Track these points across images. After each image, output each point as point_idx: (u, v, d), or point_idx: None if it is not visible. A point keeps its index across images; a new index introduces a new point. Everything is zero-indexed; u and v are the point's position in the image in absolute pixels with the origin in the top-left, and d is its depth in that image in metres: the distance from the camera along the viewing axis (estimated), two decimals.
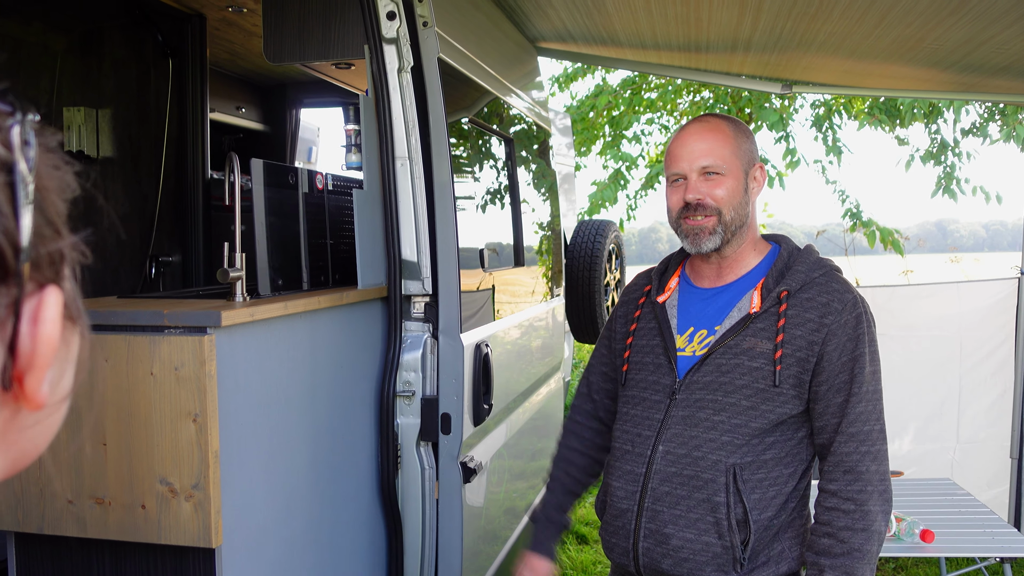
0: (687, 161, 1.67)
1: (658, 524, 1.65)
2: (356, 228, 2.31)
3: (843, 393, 1.59)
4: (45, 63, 3.39)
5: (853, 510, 1.56)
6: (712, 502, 1.61)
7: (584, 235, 5.03)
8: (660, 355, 1.72)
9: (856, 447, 1.58)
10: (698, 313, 1.72)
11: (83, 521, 1.71)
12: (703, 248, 1.67)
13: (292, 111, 5.09)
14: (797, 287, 1.63)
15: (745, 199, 1.68)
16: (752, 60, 4.05)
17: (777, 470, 1.63)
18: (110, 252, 3.65)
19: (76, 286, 0.54)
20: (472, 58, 2.80)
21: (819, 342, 1.59)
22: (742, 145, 1.69)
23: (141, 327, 1.68)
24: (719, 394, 1.63)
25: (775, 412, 1.61)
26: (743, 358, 1.62)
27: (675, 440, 1.65)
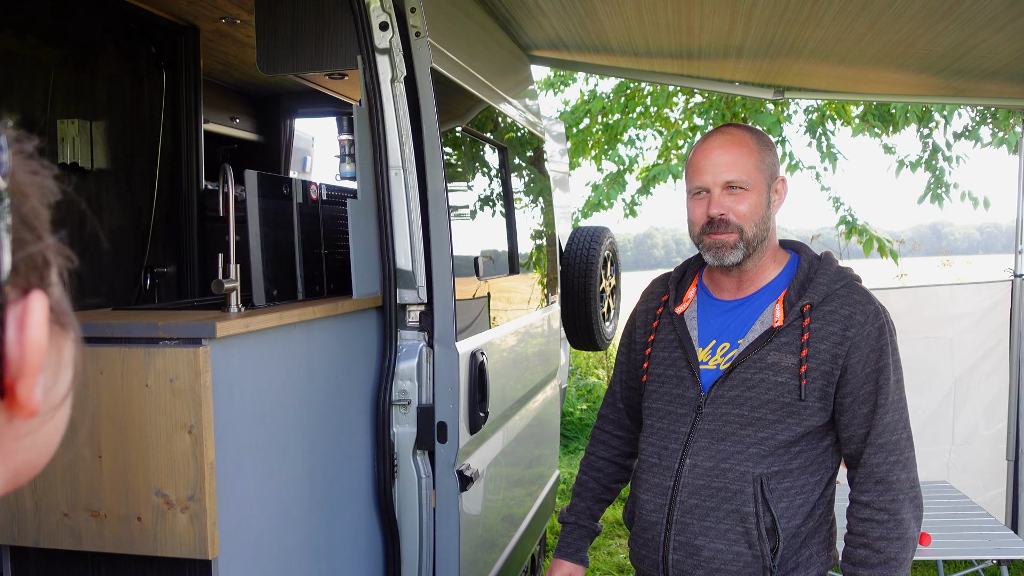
0: (711, 175, 1.66)
1: (688, 536, 1.67)
2: (350, 238, 2.31)
3: (869, 404, 1.61)
4: (39, 76, 3.39)
5: (887, 520, 1.59)
6: (741, 512, 1.63)
7: (579, 242, 5.04)
8: (683, 368, 1.73)
9: (886, 457, 1.60)
10: (720, 326, 1.72)
11: (78, 534, 1.71)
12: (725, 262, 1.67)
13: (286, 121, 5.11)
14: (819, 300, 1.64)
15: (767, 214, 1.68)
16: (744, 66, 4.07)
17: (803, 478, 1.65)
18: (105, 263, 3.65)
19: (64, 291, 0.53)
20: (465, 67, 2.82)
21: (843, 355, 1.61)
22: (766, 159, 1.69)
23: (136, 339, 1.68)
24: (745, 408, 1.64)
25: (801, 425, 1.63)
26: (768, 372, 1.63)
27: (702, 453, 1.67)
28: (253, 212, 2.14)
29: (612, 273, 5.49)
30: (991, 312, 4.45)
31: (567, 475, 6.11)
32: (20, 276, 0.47)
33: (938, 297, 4.67)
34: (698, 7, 3.14)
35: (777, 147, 7.39)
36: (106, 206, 3.66)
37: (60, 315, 0.52)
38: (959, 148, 7.53)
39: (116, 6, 3.50)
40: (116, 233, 3.70)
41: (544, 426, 3.90)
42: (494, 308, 2.91)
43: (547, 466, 4.06)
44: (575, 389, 8.14)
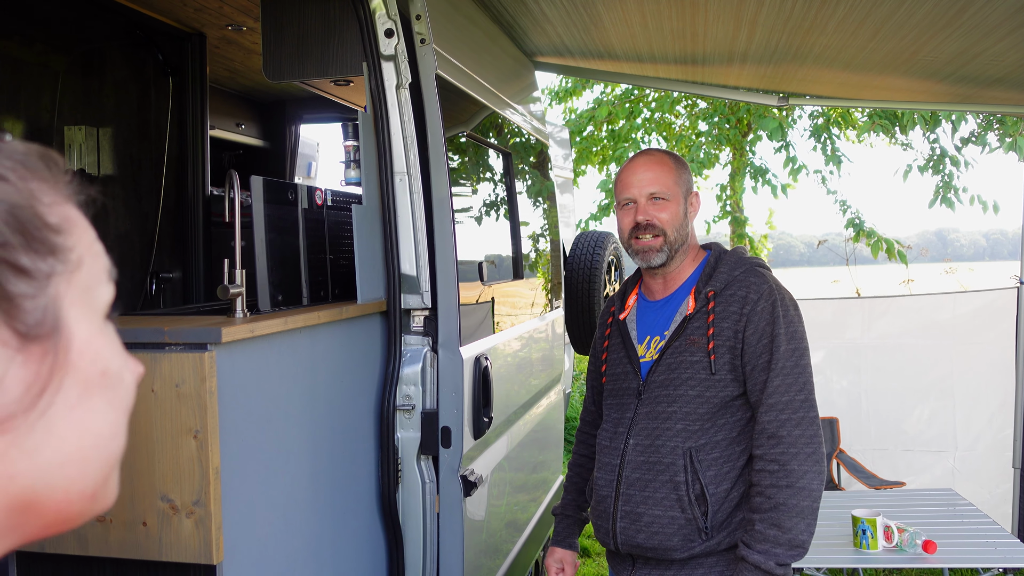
0: (637, 188, 1.95)
1: (631, 506, 1.90)
2: (355, 243, 2.32)
3: (765, 371, 1.82)
4: (46, 83, 3.42)
5: (776, 470, 1.76)
6: (674, 482, 1.85)
7: (583, 247, 5.04)
8: (626, 364, 1.99)
9: (776, 415, 1.79)
10: (651, 323, 1.99)
11: (84, 539, 1.71)
12: (652, 263, 1.93)
13: (291, 127, 5.12)
14: (722, 286, 1.89)
15: (685, 221, 1.96)
16: (748, 73, 4.08)
17: (730, 448, 1.86)
18: None
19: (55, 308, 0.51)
20: (470, 74, 2.83)
21: (741, 330, 1.84)
22: (682, 175, 1.98)
23: (142, 344, 1.69)
24: (671, 388, 1.88)
25: (718, 396, 1.85)
26: (685, 355, 1.88)
27: (642, 433, 1.91)
28: (259, 218, 2.15)
29: (616, 278, 5.49)
30: (997, 318, 4.44)
31: None
32: None
33: (944, 304, 4.67)
34: (702, 14, 3.15)
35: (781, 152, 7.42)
36: (112, 212, 3.68)
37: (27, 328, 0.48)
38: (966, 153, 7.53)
39: (123, 14, 3.52)
40: (122, 239, 3.72)
41: (548, 431, 3.90)
42: (498, 313, 2.92)
43: (551, 471, 4.05)
44: (579, 394, 8.13)
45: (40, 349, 0.48)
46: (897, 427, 4.77)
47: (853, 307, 5.18)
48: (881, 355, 4.90)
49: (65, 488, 0.49)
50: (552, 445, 4.06)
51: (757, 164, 7.64)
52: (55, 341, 0.49)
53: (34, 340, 0.48)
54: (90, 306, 0.53)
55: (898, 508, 3.50)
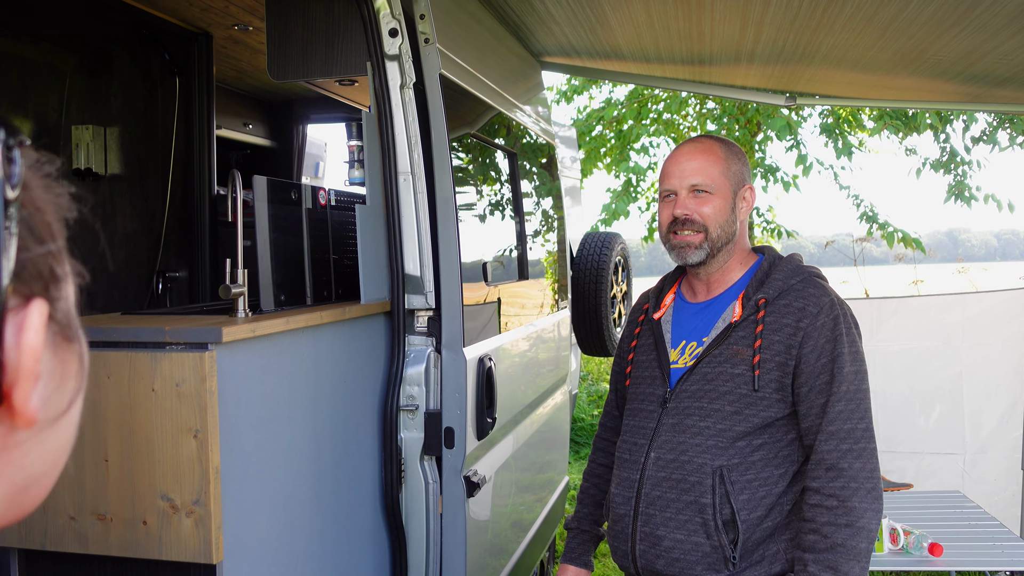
0: (678, 179, 1.77)
1: (651, 527, 1.72)
2: (359, 243, 2.32)
3: (824, 394, 1.64)
4: (54, 82, 3.43)
5: (836, 506, 1.60)
6: (699, 504, 1.68)
7: (590, 247, 5.03)
8: (655, 368, 1.81)
9: (836, 445, 1.62)
10: (689, 326, 1.81)
11: (85, 537, 1.72)
12: (688, 261, 1.77)
13: (299, 127, 5.13)
14: (775, 294, 1.71)
15: (732, 218, 1.77)
16: (756, 72, 4.06)
17: (767, 471, 1.68)
18: (118, 268, 3.68)
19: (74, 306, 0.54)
20: (474, 73, 2.82)
21: (796, 345, 1.66)
22: (732, 166, 1.78)
23: (143, 343, 1.69)
24: (704, 401, 1.70)
25: (759, 416, 1.67)
26: (726, 366, 1.70)
27: (665, 447, 1.73)
28: (261, 217, 2.15)
29: (623, 279, 5.48)
30: (1006, 319, 4.40)
31: (577, 481, 6.09)
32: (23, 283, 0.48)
33: (954, 305, 4.63)
34: (709, 13, 3.13)
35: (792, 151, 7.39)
36: (119, 211, 3.69)
37: (65, 328, 0.52)
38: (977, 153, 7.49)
39: (130, 13, 3.53)
40: (129, 238, 3.73)
41: (554, 432, 3.90)
42: (503, 314, 2.91)
43: (557, 472, 4.04)
44: (586, 395, 8.12)
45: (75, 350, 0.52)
46: (906, 429, 4.74)
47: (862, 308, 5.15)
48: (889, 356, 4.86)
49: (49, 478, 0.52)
50: (558, 446, 4.06)
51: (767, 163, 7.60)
52: (80, 344, 0.53)
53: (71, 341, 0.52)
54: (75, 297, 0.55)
55: (905, 510, 3.48)
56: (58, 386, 0.52)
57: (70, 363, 0.53)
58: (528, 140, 3.59)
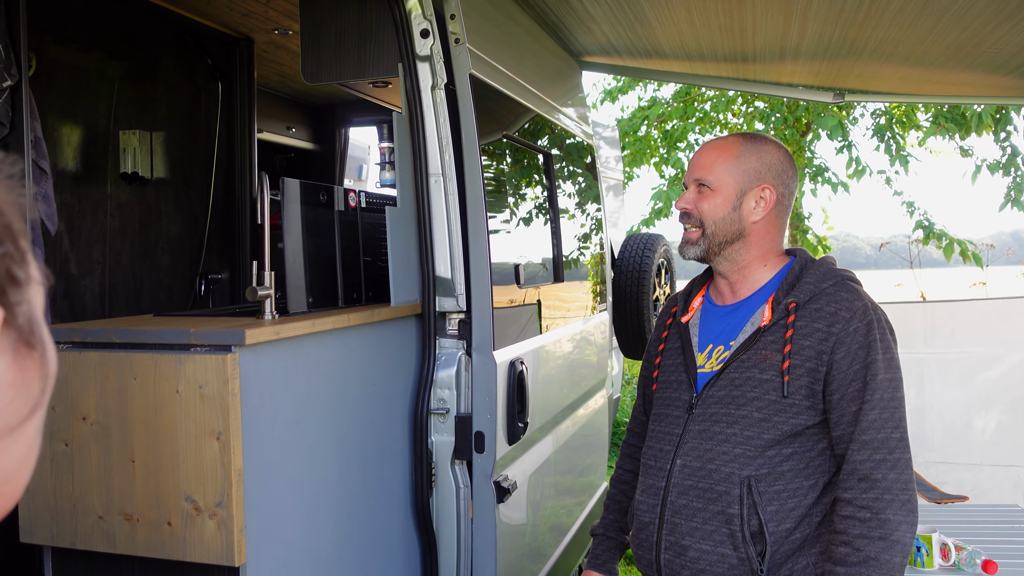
0: (689, 173, 1.78)
1: (676, 536, 1.68)
2: (389, 245, 2.31)
3: (856, 402, 1.58)
4: (103, 89, 3.51)
5: (869, 518, 1.54)
6: (726, 514, 1.63)
7: (632, 249, 4.96)
8: (682, 373, 1.77)
9: (870, 455, 1.56)
10: (716, 330, 1.77)
11: (112, 537, 1.73)
12: (685, 256, 1.78)
13: (341, 130, 5.17)
14: (806, 298, 1.65)
15: (734, 216, 1.72)
16: (802, 69, 3.95)
17: (796, 482, 1.63)
18: (163, 270, 3.75)
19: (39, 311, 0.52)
20: (508, 74, 2.79)
21: (828, 351, 1.60)
22: (744, 163, 1.73)
23: (168, 345, 1.70)
24: (732, 407, 1.66)
25: (788, 423, 1.62)
26: (754, 371, 1.65)
27: (691, 454, 1.69)
28: (290, 220, 2.16)
29: (667, 281, 5.39)
30: None
31: None
32: None
33: (1016, 308, 4.44)
34: (750, 9, 3.05)
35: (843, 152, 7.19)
36: (164, 215, 3.76)
37: (27, 334, 0.51)
38: None
39: (175, 20, 3.60)
40: (173, 240, 3.80)
41: (593, 436, 3.84)
42: (536, 316, 2.88)
43: (596, 476, 3.99)
44: (630, 399, 8.02)
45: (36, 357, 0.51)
46: (962, 439, 4.56)
47: (917, 311, 4.98)
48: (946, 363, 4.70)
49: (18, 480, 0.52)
50: (597, 450, 4.00)
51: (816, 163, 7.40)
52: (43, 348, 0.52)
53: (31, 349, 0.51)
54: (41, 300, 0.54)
55: (958, 524, 3.33)
56: (18, 394, 0.51)
57: (31, 369, 0.52)
58: (565, 140, 3.55)
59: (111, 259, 3.50)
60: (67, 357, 1.75)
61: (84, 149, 3.42)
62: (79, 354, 1.74)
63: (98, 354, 1.73)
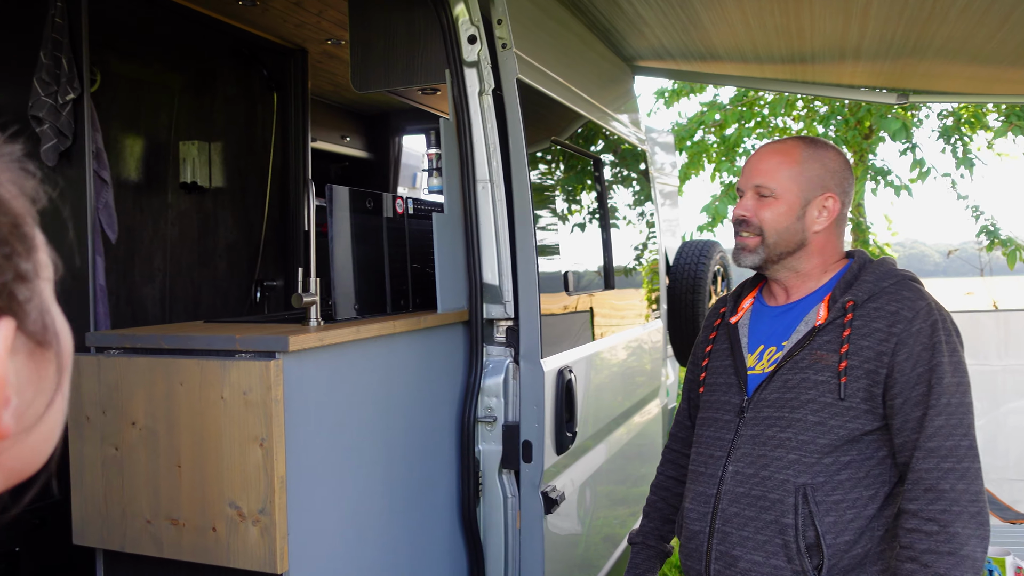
0: (746, 177, 1.71)
1: (727, 546, 1.62)
2: (435, 252, 2.30)
3: (921, 407, 1.50)
4: (164, 101, 3.60)
5: (936, 532, 1.45)
6: (780, 524, 1.56)
7: (687, 256, 4.87)
8: (731, 375, 1.71)
9: (937, 463, 1.47)
10: (767, 331, 1.70)
11: (160, 541, 1.75)
12: (741, 264, 1.71)
13: (395, 138, 5.22)
14: (864, 297, 1.59)
15: (797, 226, 1.66)
16: (863, 69, 3.82)
17: (856, 492, 1.56)
18: (221, 277, 3.83)
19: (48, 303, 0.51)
20: (557, 79, 2.76)
21: (888, 352, 1.52)
22: (808, 171, 1.66)
23: (214, 352, 1.72)
24: (785, 410, 1.59)
25: (845, 428, 1.55)
26: (808, 372, 1.58)
27: (744, 460, 1.63)
28: (338, 227, 2.16)
29: (723, 288, 5.28)
30: None
31: None
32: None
33: None
34: (808, 8, 2.96)
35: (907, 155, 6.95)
36: (222, 223, 3.84)
37: (40, 334, 0.50)
38: None
39: (232, 33, 3.67)
40: (230, 248, 3.87)
41: (647, 445, 3.77)
42: (585, 324, 2.83)
43: (649, 485, 3.91)
44: None
45: (51, 353, 0.50)
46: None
47: (989, 321, 4.77)
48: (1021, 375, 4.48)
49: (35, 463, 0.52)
50: (651, 460, 3.91)
51: (878, 165, 7.16)
52: (57, 345, 0.51)
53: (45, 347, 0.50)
54: (51, 290, 0.53)
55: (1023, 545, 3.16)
56: (36, 392, 0.50)
57: (46, 367, 0.51)
58: (616, 146, 3.50)
59: (171, 266, 3.58)
60: (117, 363, 1.77)
61: (146, 159, 3.52)
62: (129, 360, 1.77)
63: (147, 360, 1.75)
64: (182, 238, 3.63)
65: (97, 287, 2.86)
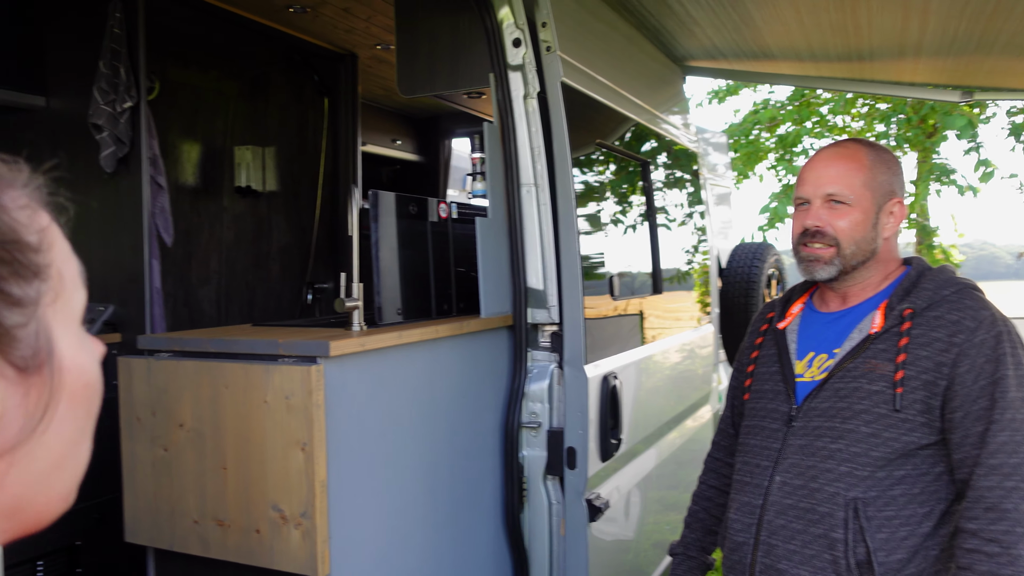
0: (813, 186, 1.61)
1: (772, 559, 1.57)
2: (479, 256, 2.30)
3: (983, 422, 1.42)
4: (220, 107, 3.69)
5: (998, 553, 1.38)
6: (829, 538, 1.50)
7: (741, 259, 4.78)
8: (778, 382, 1.65)
9: (999, 481, 1.40)
10: (818, 337, 1.64)
11: (207, 541, 1.79)
12: (816, 277, 1.61)
13: (445, 141, 5.24)
14: (924, 305, 1.52)
15: (872, 234, 1.59)
16: (924, 67, 3.70)
17: (910, 508, 1.49)
18: (275, 279, 3.90)
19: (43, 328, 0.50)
20: (603, 81, 2.74)
21: (949, 363, 1.45)
22: (878, 176, 1.60)
23: (258, 356, 1.74)
24: (837, 420, 1.53)
25: (900, 440, 1.48)
26: (862, 381, 1.51)
27: (792, 470, 1.57)
28: (382, 232, 2.18)
29: (779, 292, 5.17)
30: None
31: None
32: None
33: None
34: (864, 4, 2.87)
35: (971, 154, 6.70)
36: (275, 227, 3.91)
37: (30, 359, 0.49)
38: None
39: (284, 40, 3.74)
40: (283, 251, 3.94)
41: (698, 451, 3.70)
42: (632, 329, 2.80)
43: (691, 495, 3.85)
44: None
45: (39, 379, 0.49)
46: None
47: None
48: None
49: (47, 492, 0.52)
50: (701, 466, 3.86)
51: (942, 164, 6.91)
52: (50, 368, 0.50)
53: (32, 370, 0.49)
54: (70, 317, 0.53)
55: None
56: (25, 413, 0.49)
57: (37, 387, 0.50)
58: (665, 147, 3.45)
59: (226, 269, 3.66)
60: (166, 366, 1.82)
61: (203, 164, 3.60)
62: (177, 363, 1.81)
63: (194, 363, 1.79)
64: (237, 241, 3.71)
65: (153, 290, 2.94)
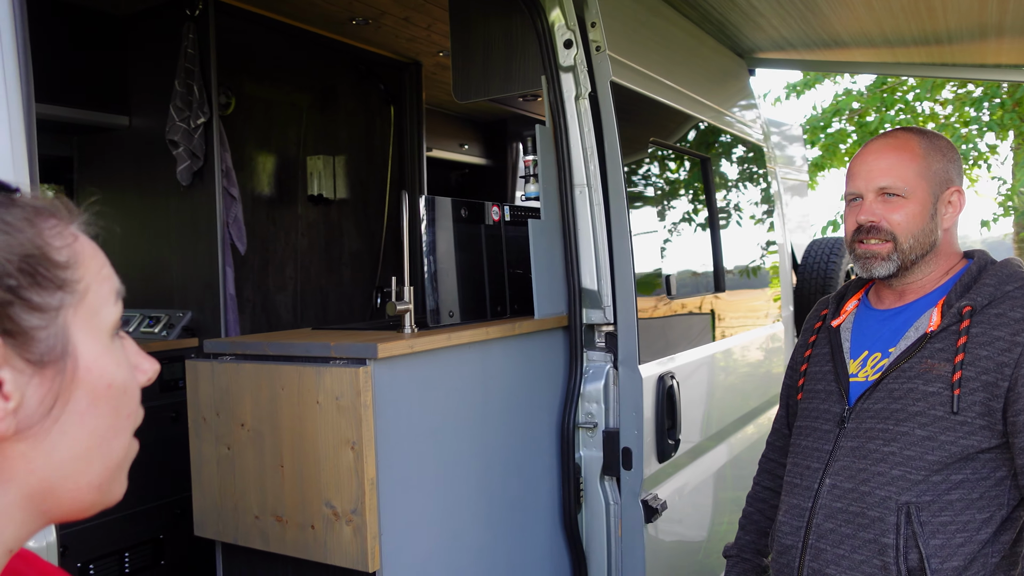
0: (864, 180, 1.55)
1: (820, 563, 1.53)
2: (532, 258, 2.31)
3: None
4: (293, 118, 3.83)
5: None
6: (879, 543, 1.45)
7: (816, 254, 4.64)
8: (831, 382, 1.60)
9: None
10: (873, 335, 1.57)
11: (266, 536, 1.86)
12: (874, 274, 1.53)
13: (512, 145, 5.28)
14: (984, 302, 1.44)
15: (931, 226, 1.52)
16: (1009, 47, 3.50)
17: (967, 514, 1.42)
18: (346, 284, 4.02)
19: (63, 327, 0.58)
20: (658, 78, 2.71)
21: (1011, 364, 1.38)
22: (933, 165, 1.52)
23: (312, 358, 1.81)
24: (890, 423, 1.47)
25: (957, 444, 1.41)
26: (917, 382, 1.45)
27: (843, 473, 1.52)
28: (437, 236, 2.22)
29: None
30: None
31: None
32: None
33: None
34: None
35: None
36: (346, 233, 4.03)
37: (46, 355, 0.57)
38: None
39: (350, 51, 3.85)
40: (354, 257, 4.06)
41: None
42: (691, 328, 2.76)
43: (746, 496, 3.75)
44: None
45: (52, 371, 0.58)
46: None
47: None
48: None
49: (75, 480, 0.59)
50: None
51: None
52: (64, 363, 0.58)
53: (47, 365, 0.57)
54: (97, 327, 0.61)
55: None
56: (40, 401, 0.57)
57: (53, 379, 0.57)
58: (728, 142, 3.39)
59: (301, 275, 3.79)
60: (228, 368, 1.90)
61: (277, 175, 3.75)
62: (238, 365, 1.89)
63: (253, 366, 1.87)
64: (310, 248, 3.84)
65: (227, 296, 3.08)
